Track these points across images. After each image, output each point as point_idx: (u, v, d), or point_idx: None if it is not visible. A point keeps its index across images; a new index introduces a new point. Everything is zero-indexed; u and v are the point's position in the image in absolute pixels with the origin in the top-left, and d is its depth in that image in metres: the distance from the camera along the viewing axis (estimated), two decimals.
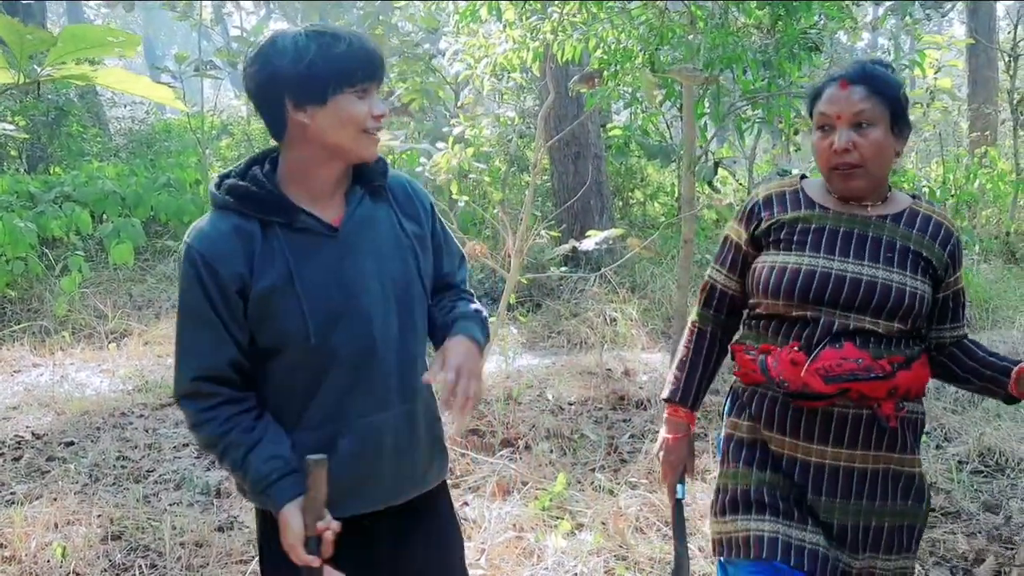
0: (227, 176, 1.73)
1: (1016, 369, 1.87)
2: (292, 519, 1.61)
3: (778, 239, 1.93)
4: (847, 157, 1.84)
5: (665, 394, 2.15)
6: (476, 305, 1.92)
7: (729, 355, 2.09)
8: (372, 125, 1.68)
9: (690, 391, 2.11)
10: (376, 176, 1.80)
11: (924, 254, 1.86)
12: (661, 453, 2.15)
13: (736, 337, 2.07)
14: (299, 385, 1.70)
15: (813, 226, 1.90)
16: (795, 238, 1.90)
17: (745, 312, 2.06)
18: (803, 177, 2.03)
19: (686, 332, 2.16)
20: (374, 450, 1.75)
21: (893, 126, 1.85)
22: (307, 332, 1.65)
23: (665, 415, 2.16)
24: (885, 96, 1.84)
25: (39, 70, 2.31)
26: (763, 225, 1.96)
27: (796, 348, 1.85)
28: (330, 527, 1.61)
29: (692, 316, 2.15)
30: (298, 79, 1.60)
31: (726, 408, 2.09)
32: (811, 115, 1.93)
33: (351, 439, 1.73)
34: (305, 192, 1.70)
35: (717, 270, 2.08)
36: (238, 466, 1.66)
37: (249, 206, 1.66)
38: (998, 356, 1.96)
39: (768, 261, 1.92)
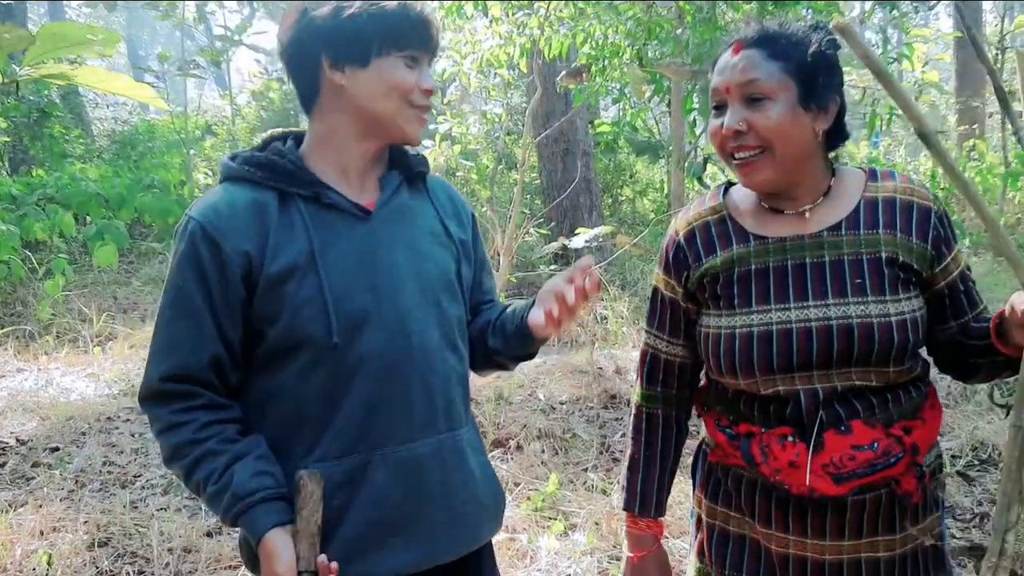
0: (238, 154, 1.50)
1: (991, 320, 1.40)
2: (280, 545, 1.31)
3: (715, 294, 1.51)
4: (742, 139, 1.42)
5: (618, 502, 1.70)
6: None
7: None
8: (420, 99, 1.43)
9: (648, 496, 1.63)
10: (416, 163, 1.57)
11: (900, 258, 1.43)
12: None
13: (704, 400, 1.62)
14: (315, 400, 1.40)
15: (753, 268, 1.47)
16: (735, 292, 1.48)
17: (703, 375, 1.63)
18: (729, 186, 1.61)
19: (631, 419, 1.69)
20: (417, 488, 1.44)
21: (804, 99, 1.41)
22: (329, 329, 1.37)
23: (624, 528, 1.71)
24: (788, 60, 1.41)
25: (18, 70, 2.26)
26: (693, 277, 1.54)
27: (789, 437, 1.43)
28: (332, 569, 1.32)
29: (635, 397, 1.69)
30: (337, 33, 1.38)
31: (696, 476, 1.65)
32: None
33: (387, 472, 1.42)
34: (333, 169, 1.45)
35: (655, 335, 1.63)
36: (214, 479, 1.34)
37: (268, 175, 1.42)
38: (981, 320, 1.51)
39: (712, 327, 1.51)
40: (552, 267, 6.87)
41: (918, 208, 1.46)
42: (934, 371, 1.57)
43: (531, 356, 1.61)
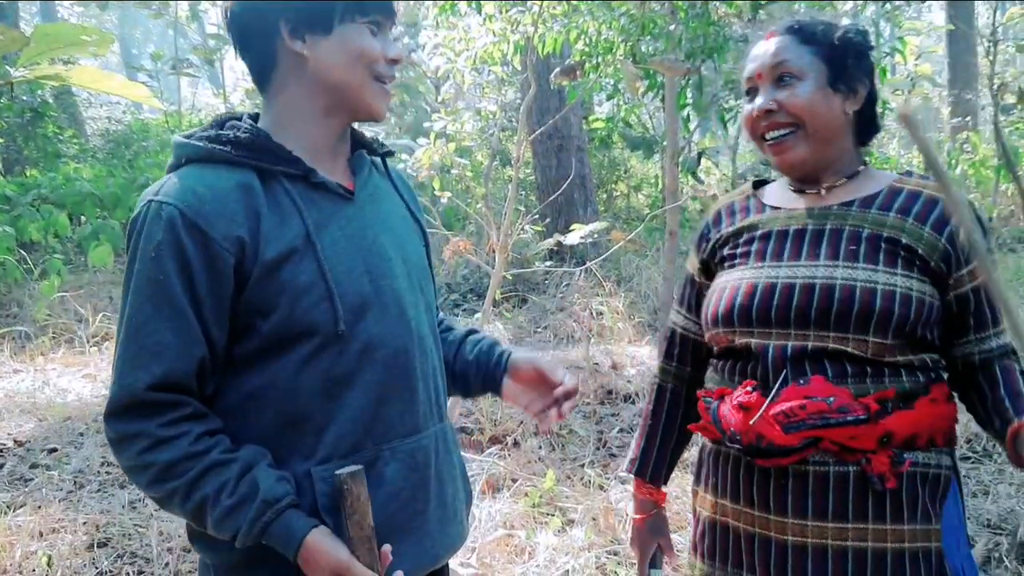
0: (192, 133, 1.34)
1: (1010, 430, 1.33)
2: (328, 540, 1.23)
3: (722, 258, 1.58)
4: (773, 118, 1.47)
5: (625, 465, 1.79)
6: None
7: None
8: (385, 70, 1.34)
9: (650, 463, 1.72)
10: (377, 144, 1.48)
11: (904, 240, 1.40)
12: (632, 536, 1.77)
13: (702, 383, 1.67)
14: (316, 395, 1.29)
15: (759, 232, 1.53)
16: (738, 251, 1.54)
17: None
18: (763, 183, 1.67)
19: (649, 392, 1.79)
20: (423, 481, 1.39)
21: (833, 79, 1.46)
22: (335, 316, 1.27)
23: (631, 490, 1.81)
24: (817, 44, 1.47)
25: (12, 71, 2.27)
26: (709, 246, 1.62)
27: (750, 389, 1.44)
28: (386, 554, 1.27)
29: (655, 371, 1.79)
30: None
31: (696, 473, 1.70)
32: None
33: (396, 466, 1.35)
34: (300, 149, 1.32)
35: (676, 311, 1.73)
36: (228, 491, 1.21)
37: (247, 154, 1.28)
38: (1014, 395, 1.41)
39: (714, 286, 1.57)
40: (547, 263, 6.89)
41: (942, 206, 1.43)
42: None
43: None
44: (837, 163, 1.51)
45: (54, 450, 4.37)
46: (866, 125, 1.53)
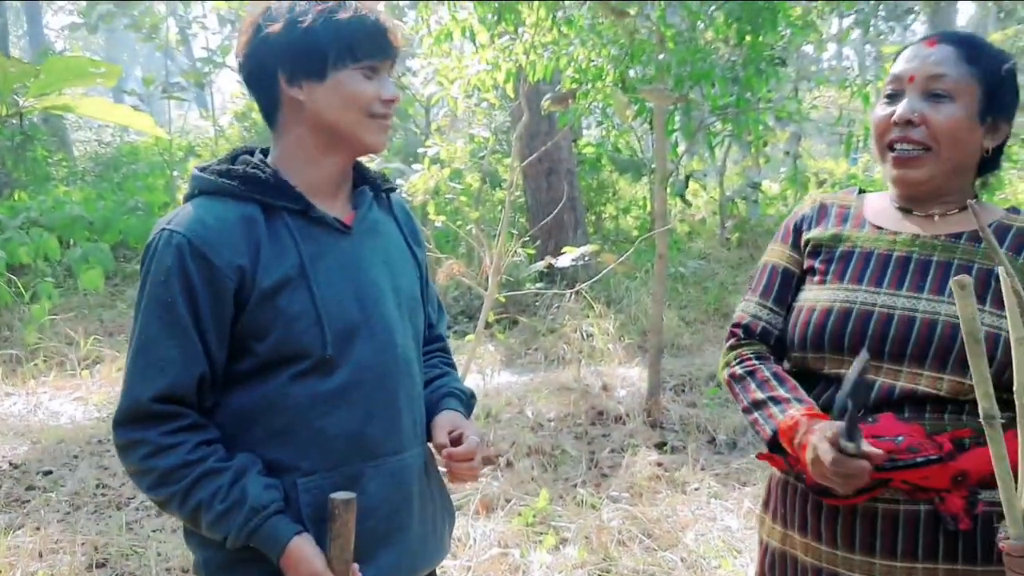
0: (207, 166, 1.45)
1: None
2: (310, 548, 1.33)
3: (813, 267, 1.50)
4: (909, 131, 1.38)
5: (768, 433, 1.46)
6: (464, 385, 1.68)
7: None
8: (379, 110, 1.41)
9: (782, 407, 1.44)
10: (383, 180, 1.58)
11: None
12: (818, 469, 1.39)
13: None
14: (305, 412, 1.38)
15: (857, 249, 1.46)
16: (832, 266, 1.47)
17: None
18: (861, 192, 1.60)
19: (730, 389, 1.57)
20: (404, 499, 1.47)
21: (983, 110, 1.38)
22: (323, 341, 1.36)
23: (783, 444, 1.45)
24: (978, 66, 1.38)
25: (20, 101, 2.32)
26: (801, 241, 1.54)
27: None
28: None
29: (720, 370, 1.61)
30: (292, 48, 1.36)
31: (766, 503, 1.61)
32: None
33: (379, 483, 1.43)
34: (304, 184, 1.42)
35: (756, 303, 1.58)
36: (221, 497, 1.32)
37: (252, 188, 1.38)
38: None
39: (802, 300, 1.49)
40: (538, 284, 6.95)
41: None
42: None
43: None
44: (956, 193, 1.44)
45: (49, 472, 4.38)
46: (991, 161, 1.47)
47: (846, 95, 5.88)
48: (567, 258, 4.39)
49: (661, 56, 4.36)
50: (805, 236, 1.54)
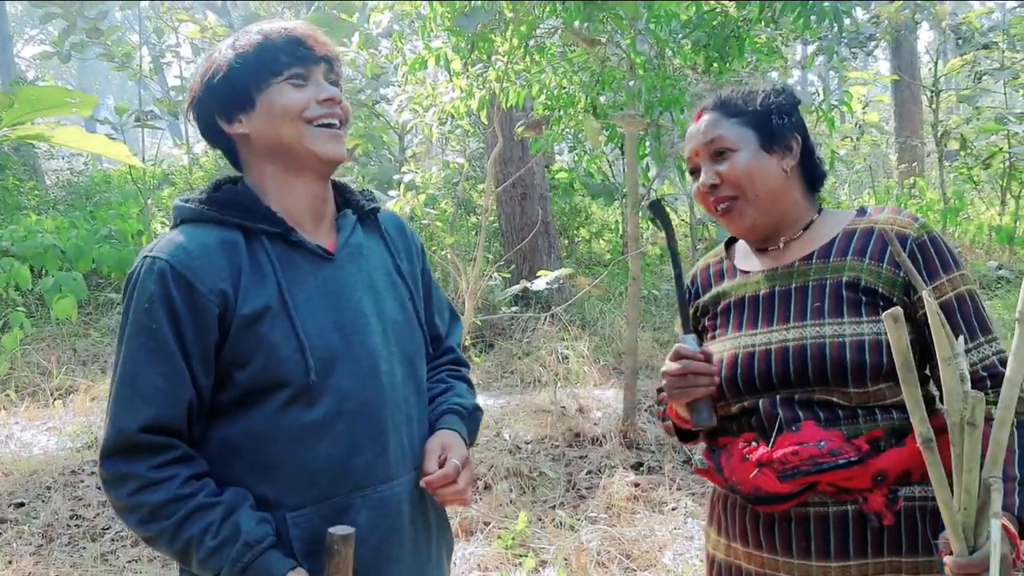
0: (190, 197, 1.46)
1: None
2: None
3: (704, 328, 1.67)
4: (717, 192, 1.55)
5: (669, 429, 1.71)
6: (473, 399, 1.65)
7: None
8: (316, 112, 1.40)
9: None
10: (367, 200, 1.57)
11: (863, 282, 1.46)
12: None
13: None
14: (290, 444, 1.36)
15: (732, 300, 1.61)
16: (717, 322, 1.62)
17: None
18: (733, 240, 1.73)
19: (663, 426, 1.75)
20: (394, 528, 1.45)
21: (765, 144, 1.54)
22: (306, 367, 1.35)
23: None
24: (743, 114, 1.56)
25: None
26: (697, 312, 1.70)
27: (752, 443, 1.50)
28: None
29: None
30: (215, 93, 1.41)
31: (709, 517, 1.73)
32: None
33: (368, 514, 1.41)
34: (284, 213, 1.42)
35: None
36: (212, 532, 1.29)
37: (233, 213, 1.39)
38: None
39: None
40: (514, 308, 6.98)
41: (897, 234, 1.48)
42: None
43: None
44: (789, 217, 1.57)
45: (22, 504, 4.33)
46: (811, 173, 1.60)
47: (812, 119, 6.00)
48: (542, 282, 4.43)
49: (631, 83, 4.44)
50: (693, 305, 1.69)
